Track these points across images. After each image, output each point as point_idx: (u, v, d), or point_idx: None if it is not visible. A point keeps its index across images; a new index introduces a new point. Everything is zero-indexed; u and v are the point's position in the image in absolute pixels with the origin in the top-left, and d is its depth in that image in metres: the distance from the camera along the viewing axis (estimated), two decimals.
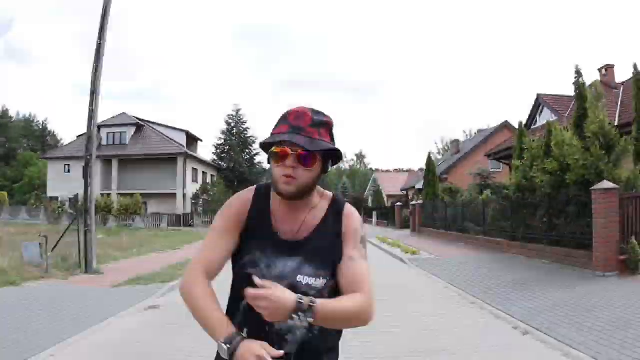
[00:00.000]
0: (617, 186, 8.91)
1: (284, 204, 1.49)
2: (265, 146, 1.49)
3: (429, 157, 26.40)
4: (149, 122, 42.77)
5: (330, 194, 1.58)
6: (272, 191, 1.52)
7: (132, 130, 41.24)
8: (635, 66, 11.27)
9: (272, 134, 1.45)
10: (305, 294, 1.34)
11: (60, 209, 37.94)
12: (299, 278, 1.42)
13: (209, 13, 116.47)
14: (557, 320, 6.06)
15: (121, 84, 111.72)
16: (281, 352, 1.31)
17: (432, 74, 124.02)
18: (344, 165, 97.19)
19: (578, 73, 11.01)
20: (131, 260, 13.35)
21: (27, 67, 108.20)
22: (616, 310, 6.31)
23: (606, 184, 8.88)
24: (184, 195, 38.86)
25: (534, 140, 12.49)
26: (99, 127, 42.13)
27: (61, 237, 11.09)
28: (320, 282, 1.43)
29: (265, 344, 1.30)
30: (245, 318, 1.42)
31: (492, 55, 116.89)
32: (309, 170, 1.42)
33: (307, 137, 1.40)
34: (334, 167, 1.57)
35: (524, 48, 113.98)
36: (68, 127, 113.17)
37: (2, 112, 72.59)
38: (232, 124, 50.34)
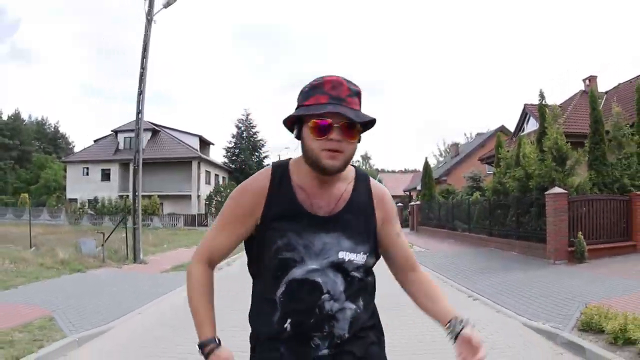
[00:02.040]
0: (565, 191, 11.02)
1: (315, 179, 1.39)
2: (292, 120, 1.39)
3: (426, 161, 28.60)
4: (164, 127, 45.06)
5: (350, 165, 1.46)
6: (294, 167, 1.44)
7: (149, 135, 43.42)
8: (592, 91, 13.36)
9: (305, 106, 1.34)
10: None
11: (81, 210, 40.36)
12: (341, 255, 1.36)
13: (209, 13, 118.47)
14: (502, 292, 8.21)
15: (121, 83, 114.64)
16: None
17: (434, 74, 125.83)
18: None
19: (541, 96, 13.13)
20: (165, 253, 15.63)
21: (33, 68, 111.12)
22: (547, 286, 8.45)
23: (556, 190, 11.00)
24: (198, 197, 41.14)
25: (508, 151, 14.64)
26: (116, 132, 44.67)
27: (111, 233, 13.37)
28: (361, 258, 1.39)
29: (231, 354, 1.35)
30: (288, 308, 1.36)
31: (495, 59, 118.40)
32: (352, 143, 1.34)
33: (349, 107, 1.31)
34: None
35: (527, 54, 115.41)
36: (73, 127, 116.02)
37: (14, 116, 74.81)
38: (242, 128, 52.81)
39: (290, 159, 1.49)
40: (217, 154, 71.99)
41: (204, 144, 46.56)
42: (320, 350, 1.36)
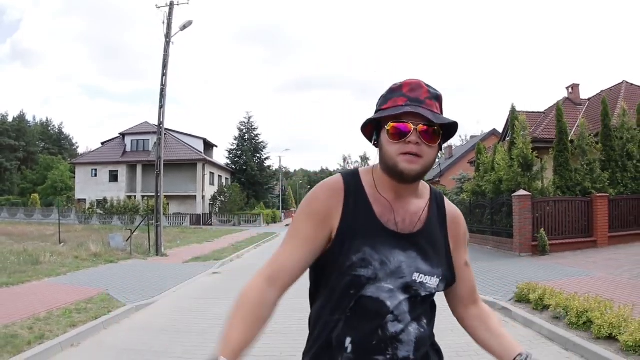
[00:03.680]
0: (529, 193, 12.84)
1: (391, 191, 1.31)
2: (370, 127, 1.32)
3: None
4: (169, 130, 46.74)
5: (422, 181, 1.37)
6: (365, 177, 1.35)
7: (155, 137, 45.05)
8: (559, 106, 15.16)
9: (383, 109, 1.27)
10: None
11: (90, 210, 42.16)
12: (415, 276, 1.27)
13: (209, 13, 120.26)
14: None
15: (121, 83, 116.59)
16: None
17: (434, 75, 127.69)
18: (349, 167, 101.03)
19: (513, 110, 14.93)
20: (181, 248, 17.49)
21: (35, 69, 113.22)
22: (504, 272, 10.26)
23: (521, 192, 12.82)
24: (203, 197, 43.00)
25: (486, 157, 16.48)
26: (124, 135, 46.51)
27: (135, 229, 15.20)
28: (434, 282, 1.30)
29: None
30: (351, 326, 1.26)
31: (497, 62, 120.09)
32: (432, 148, 1.25)
33: (428, 109, 1.24)
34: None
35: (528, 57, 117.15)
36: (76, 128, 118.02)
37: (19, 117, 76.29)
38: (244, 130, 54.73)
39: (358, 168, 1.41)
40: (220, 156, 73.92)
41: (208, 145, 48.46)
42: None
